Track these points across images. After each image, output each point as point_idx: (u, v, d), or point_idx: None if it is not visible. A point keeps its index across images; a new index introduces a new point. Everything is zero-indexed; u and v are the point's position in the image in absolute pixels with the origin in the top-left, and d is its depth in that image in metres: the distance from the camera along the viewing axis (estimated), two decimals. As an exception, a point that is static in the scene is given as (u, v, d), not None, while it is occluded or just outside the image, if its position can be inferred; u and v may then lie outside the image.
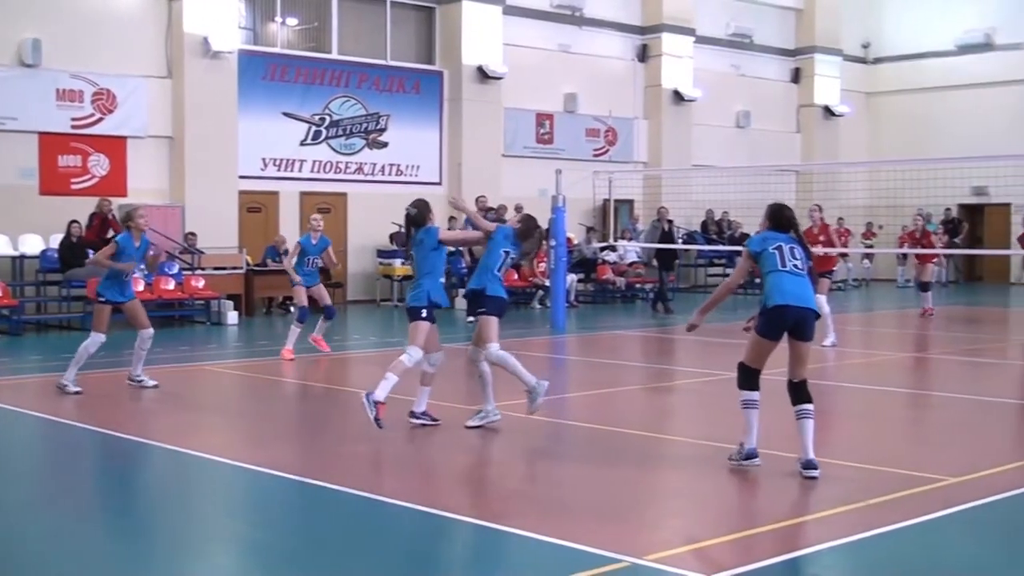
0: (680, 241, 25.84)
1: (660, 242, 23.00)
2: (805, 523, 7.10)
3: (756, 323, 8.28)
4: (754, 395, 8.25)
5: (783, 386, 8.23)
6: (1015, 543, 6.80)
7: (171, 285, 19.62)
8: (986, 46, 33.14)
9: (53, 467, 9.08)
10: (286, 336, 15.07)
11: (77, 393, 11.75)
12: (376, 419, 9.44)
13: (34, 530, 7.02)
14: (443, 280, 10.46)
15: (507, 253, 9.95)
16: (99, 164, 20.86)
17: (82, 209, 19.78)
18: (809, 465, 8.01)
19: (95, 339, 11.94)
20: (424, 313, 9.83)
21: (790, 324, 8.12)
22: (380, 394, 9.51)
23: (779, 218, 8.49)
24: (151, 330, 12.33)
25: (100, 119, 20.78)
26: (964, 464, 8.51)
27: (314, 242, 15.12)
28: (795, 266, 8.23)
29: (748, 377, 8.27)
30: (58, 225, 19.48)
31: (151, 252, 12.45)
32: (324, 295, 15.42)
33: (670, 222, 23.87)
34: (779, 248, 8.28)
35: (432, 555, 6.58)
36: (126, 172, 21.18)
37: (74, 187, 20.55)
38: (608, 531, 6.67)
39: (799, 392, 8.16)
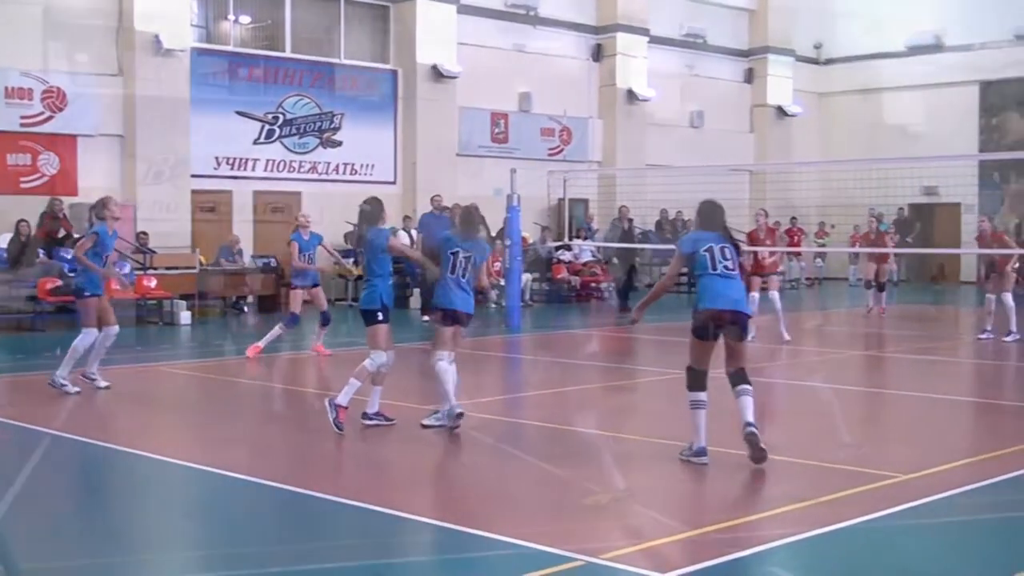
0: (637, 240, 25.92)
1: (620, 241, 23.06)
2: (757, 521, 7.13)
3: (692, 323, 8.45)
4: (701, 395, 8.39)
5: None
6: (965, 539, 6.88)
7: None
8: (936, 47, 33.48)
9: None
10: (232, 335, 14.92)
11: (77, 393, 11.64)
12: (335, 422, 9.47)
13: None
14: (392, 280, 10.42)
15: (455, 254, 9.81)
16: (49, 163, 20.63)
17: (32, 208, 19.54)
18: (749, 424, 8.21)
19: (89, 334, 11.87)
20: (380, 316, 9.83)
21: (722, 327, 8.31)
22: (342, 399, 9.53)
23: (709, 217, 8.63)
24: (116, 327, 12.24)
25: (50, 117, 20.54)
26: (915, 461, 8.60)
27: (306, 238, 14.99)
28: (726, 267, 8.40)
29: (695, 378, 8.42)
30: (6, 224, 19.24)
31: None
32: (322, 299, 15.16)
33: (630, 221, 23.95)
34: (710, 250, 8.42)
35: (386, 555, 6.55)
36: (77, 171, 20.95)
37: (24, 186, 20.30)
38: (563, 530, 6.67)
39: (737, 377, 8.39)
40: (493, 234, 20.12)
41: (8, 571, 6.11)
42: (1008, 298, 17.29)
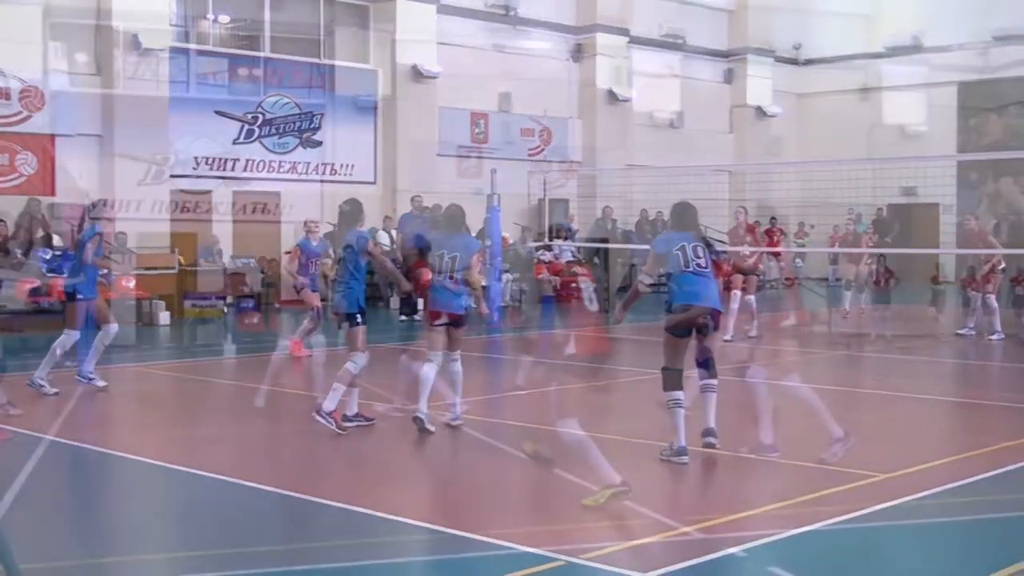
0: (619, 240, 25.97)
1: (605, 241, 23.08)
2: (739, 520, 7.14)
3: (665, 322, 8.55)
4: (678, 395, 8.47)
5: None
6: (945, 538, 6.90)
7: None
8: (914, 48, 33.59)
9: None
10: (216, 335, 14.89)
11: (55, 394, 11.54)
12: (339, 427, 9.42)
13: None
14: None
15: (440, 256, 9.83)
16: (27, 163, 20.48)
17: (10, 208, 19.41)
18: (709, 433, 8.43)
19: (71, 336, 11.81)
20: (359, 318, 9.82)
21: (696, 324, 8.47)
22: (329, 405, 9.49)
23: (682, 218, 8.79)
24: (115, 326, 12.22)
25: (28, 117, 20.39)
26: (895, 460, 8.62)
27: (314, 244, 14.98)
28: (698, 265, 8.57)
29: (671, 378, 8.50)
30: (-16, 224, 19.13)
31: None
32: (316, 304, 15.22)
33: (613, 221, 23.97)
34: (682, 249, 8.60)
35: (366, 556, 6.53)
36: (55, 171, 20.81)
37: (1, 186, 20.17)
38: (544, 531, 6.67)
39: (706, 366, 8.58)
40: (473, 235, 20.13)
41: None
42: (992, 300, 17.35)
